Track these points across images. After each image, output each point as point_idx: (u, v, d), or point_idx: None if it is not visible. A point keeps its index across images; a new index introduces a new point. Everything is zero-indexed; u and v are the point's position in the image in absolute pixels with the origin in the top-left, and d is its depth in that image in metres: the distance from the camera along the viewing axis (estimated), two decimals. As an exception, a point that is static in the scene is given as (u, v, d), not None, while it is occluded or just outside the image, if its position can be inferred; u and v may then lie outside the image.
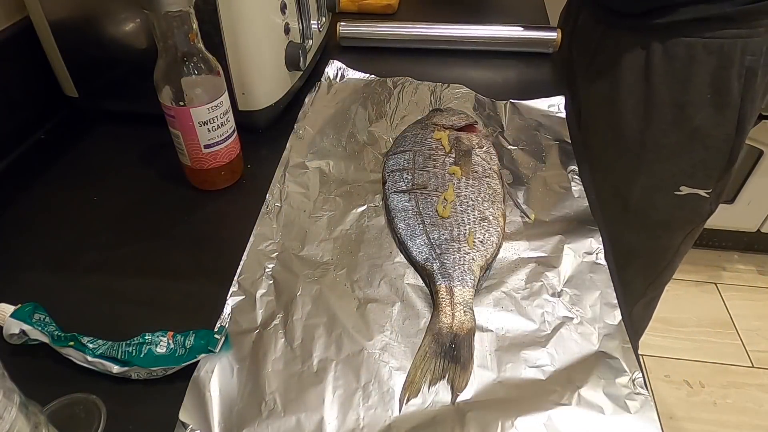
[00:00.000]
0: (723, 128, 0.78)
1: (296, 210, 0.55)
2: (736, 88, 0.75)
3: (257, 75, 0.62)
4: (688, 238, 0.93)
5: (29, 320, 0.42)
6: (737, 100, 0.76)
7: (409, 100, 0.72)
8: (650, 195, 0.86)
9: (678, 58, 0.75)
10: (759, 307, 1.64)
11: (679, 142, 0.80)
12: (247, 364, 0.42)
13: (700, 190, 0.85)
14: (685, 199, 0.86)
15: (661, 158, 0.83)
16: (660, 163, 0.83)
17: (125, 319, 0.45)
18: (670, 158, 0.82)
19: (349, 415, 0.39)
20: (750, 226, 1.70)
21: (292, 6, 0.65)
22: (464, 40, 0.82)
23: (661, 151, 0.82)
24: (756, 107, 0.78)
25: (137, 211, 0.58)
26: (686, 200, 0.86)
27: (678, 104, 0.78)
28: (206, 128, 0.53)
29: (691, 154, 0.81)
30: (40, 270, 0.51)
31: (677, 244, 0.94)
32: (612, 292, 0.46)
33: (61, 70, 0.66)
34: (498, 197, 0.54)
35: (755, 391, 1.43)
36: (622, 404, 0.38)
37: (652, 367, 1.49)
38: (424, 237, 0.50)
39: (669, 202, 0.86)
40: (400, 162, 0.58)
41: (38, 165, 0.64)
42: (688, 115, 0.78)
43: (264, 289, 0.47)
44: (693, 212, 0.89)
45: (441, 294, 0.45)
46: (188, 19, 0.49)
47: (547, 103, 0.69)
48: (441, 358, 0.41)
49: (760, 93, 0.77)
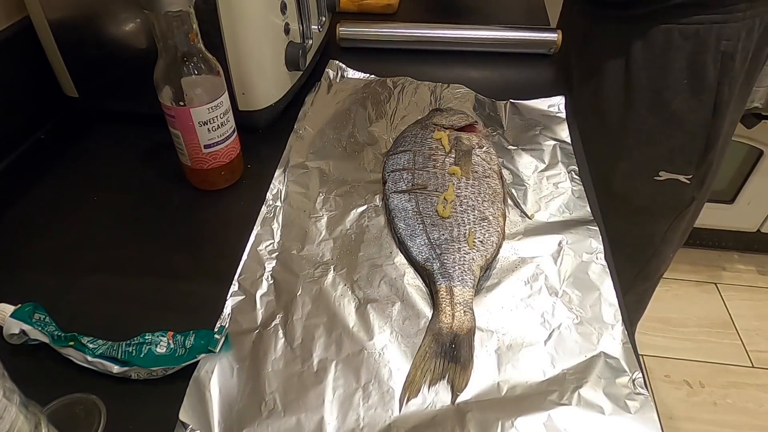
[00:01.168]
0: (700, 113, 0.80)
1: (296, 210, 0.55)
2: (712, 73, 0.77)
3: (257, 75, 0.62)
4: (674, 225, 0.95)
5: (29, 320, 0.42)
6: (713, 85, 0.78)
7: (409, 100, 0.72)
8: (631, 180, 0.89)
9: (656, 45, 0.77)
10: (759, 307, 1.64)
11: (658, 126, 0.83)
12: (247, 364, 0.42)
13: (680, 176, 0.87)
14: (665, 184, 0.88)
15: (640, 143, 0.85)
16: (639, 148, 0.85)
17: (125, 319, 0.45)
18: (649, 143, 0.85)
19: (349, 415, 0.39)
20: (750, 226, 1.70)
21: (292, 6, 0.65)
22: (464, 41, 0.82)
23: (641, 136, 0.84)
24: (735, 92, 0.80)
25: (137, 211, 0.58)
26: (666, 186, 0.88)
27: (656, 89, 0.80)
28: (206, 128, 0.53)
29: (669, 139, 0.83)
30: (40, 270, 0.51)
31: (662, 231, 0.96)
32: (612, 292, 0.46)
33: (61, 70, 0.66)
34: (498, 197, 0.54)
35: (755, 391, 1.43)
36: (622, 404, 0.38)
37: (652, 367, 1.49)
38: (424, 237, 0.50)
39: (649, 188, 0.89)
40: (400, 162, 0.58)
41: (38, 165, 0.64)
42: (665, 100, 0.80)
43: (264, 289, 0.47)
44: (674, 198, 0.91)
45: (441, 294, 0.45)
46: (188, 19, 0.49)
47: (547, 103, 0.70)
48: (441, 358, 0.41)
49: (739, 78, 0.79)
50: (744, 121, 1.37)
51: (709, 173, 0.88)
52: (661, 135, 0.83)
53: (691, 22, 0.74)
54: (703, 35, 0.74)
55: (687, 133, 0.82)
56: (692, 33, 0.75)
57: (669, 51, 0.77)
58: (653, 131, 0.83)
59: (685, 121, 0.81)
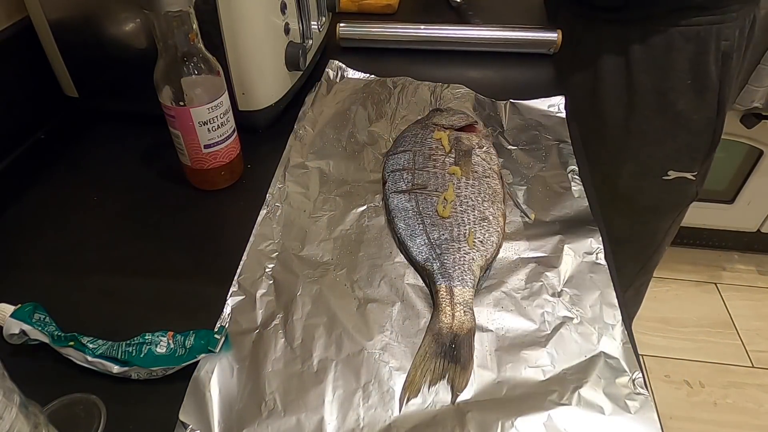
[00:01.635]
0: (704, 112, 0.81)
1: (296, 210, 0.55)
2: (714, 73, 0.78)
3: (257, 75, 0.62)
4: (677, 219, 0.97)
5: (29, 320, 0.42)
6: (716, 84, 0.79)
7: (409, 100, 0.72)
8: (638, 181, 0.90)
9: (657, 47, 0.78)
10: (759, 307, 1.64)
11: (663, 127, 0.84)
12: (247, 364, 0.42)
13: (687, 173, 0.88)
14: (673, 183, 0.89)
15: (646, 144, 0.86)
16: (645, 148, 0.86)
17: (125, 319, 0.45)
18: (655, 144, 0.85)
19: (349, 415, 0.39)
20: (750, 226, 1.70)
21: (292, 6, 0.65)
22: (464, 41, 0.82)
23: (646, 137, 0.85)
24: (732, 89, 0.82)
25: (137, 211, 0.58)
26: (673, 184, 0.89)
27: (660, 91, 0.81)
28: (206, 128, 0.53)
29: (675, 138, 0.84)
30: (40, 270, 0.51)
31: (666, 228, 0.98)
32: (612, 292, 0.46)
33: (61, 70, 0.66)
34: (498, 197, 0.54)
35: (755, 391, 1.43)
36: (622, 404, 0.38)
37: (652, 367, 1.49)
38: (424, 237, 0.50)
39: (657, 187, 0.90)
40: (400, 162, 0.58)
41: (38, 165, 0.64)
42: (670, 101, 0.81)
43: (264, 289, 0.47)
44: (680, 195, 0.92)
45: (441, 294, 0.45)
46: (188, 19, 0.49)
47: (547, 103, 0.69)
48: (441, 358, 0.41)
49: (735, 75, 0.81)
50: (744, 121, 1.37)
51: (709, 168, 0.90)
52: (667, 135, 0.84)
53: (691, 24, 0.75)
54: (705, 36, 0.75)
55: (693, 131, 0.83)
56: (693, 35, 0.75)
57: (671, 53, 0.77)
58: (659, 132, 0.84)
59: (690, 121, 0.82)
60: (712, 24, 0.75)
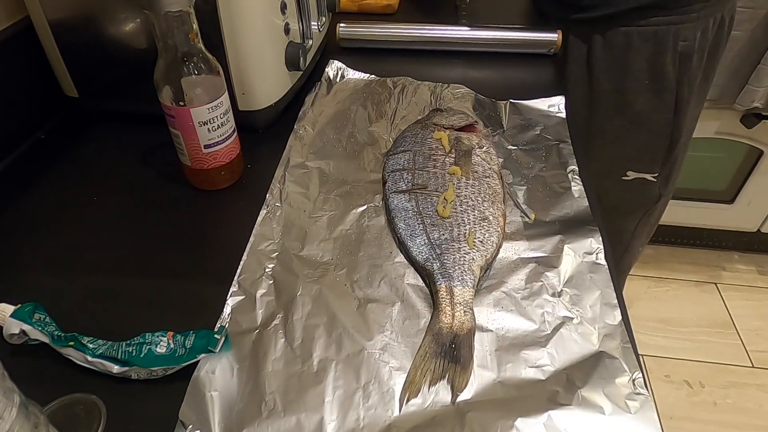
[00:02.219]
0: (662, 112, 0.83)
1: (296, 210, 0.55)
2: (671, 73, 0.79)
3: (257, 75, 0.62)
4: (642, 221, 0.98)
5: (29, 320, 0.42)
6: (673, 84, 0.80)
7: (409, 100, 0.72)
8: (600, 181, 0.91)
9: (616, 47, 0.79)
10: (759, 307, 1.64)
11: (623, 127, 0.85)
12: (247, 364, 0.42)
13: (647, 175, 0.90)
14: (633, 183, 0.90)
15: (606, 144, 0.87)
16: (606, 148, 0.87)
17: (125, 319, 0.45)
18: (615, 143, 0.87)
19: (349, 415, 0.39)
20: (750, 226, 1.70)
21: (292, 6, 0.65)
22: (464, 41, 0.82)
23: (606, 137, 0.86)
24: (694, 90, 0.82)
25: (137, 211, 0.58)
26: (634, 185, 0.90)
27: (619, 91, 0.82)
28: (206, 128, 0.53)
29: (635, 138, 0.86)
30: (40, 270, 0.51)
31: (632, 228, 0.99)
32: (612, 292, 0.46)
33: (61, 70, 0.66)
34: (498, 197, 0.54)
35: (755, 391, 1.43)
36: (622, 404, 0.38)
37: (652, 367, 1.49)
38: (424, 237, 0.50)
39: (618, 187, 0.91)
40: (400, 162, 0.58)
41: (38, 165, 0.64)
42: (628, 101, 0.82)
43: (264, 289, 0.47)
44: (642, 196, 0.93)
45: (441, 294, 0.45)
46: (188, 19, 0.49)
47: (547, 103, 0.69)
48: (441, 358, 0.41)
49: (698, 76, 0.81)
50: (744, 121, 1.37)
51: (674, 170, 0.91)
52: (626, 135, 0.85)
53: (649, 24, 0.76)
54: (661, 36, 0.76)
55: (651, 132, 0.85)
56: (651, 35, 0.76)
57: (629, 53, 0.78)
58: (618, 132, 0.85)
59: (648, 120, 0.83)
60: (671, 24, 0.75)
